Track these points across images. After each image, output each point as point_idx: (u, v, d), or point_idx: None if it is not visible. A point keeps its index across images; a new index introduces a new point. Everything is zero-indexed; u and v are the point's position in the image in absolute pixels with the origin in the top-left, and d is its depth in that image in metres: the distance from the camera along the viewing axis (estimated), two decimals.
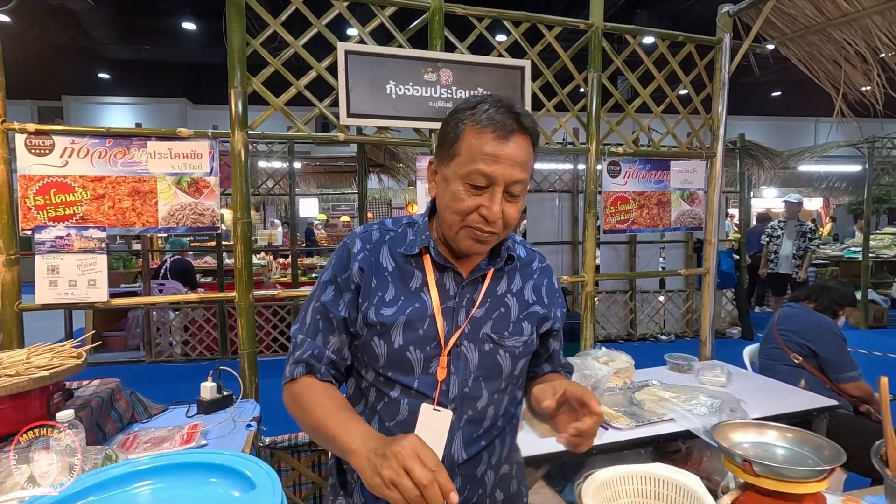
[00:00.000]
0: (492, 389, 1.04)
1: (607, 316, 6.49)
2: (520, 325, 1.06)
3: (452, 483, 0.74)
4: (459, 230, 0.98)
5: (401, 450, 0.75)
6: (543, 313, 1.10)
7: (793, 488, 0.97)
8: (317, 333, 1.05)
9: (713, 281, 2.93)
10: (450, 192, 0.96)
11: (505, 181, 0.93)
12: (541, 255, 1.20)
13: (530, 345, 1.08)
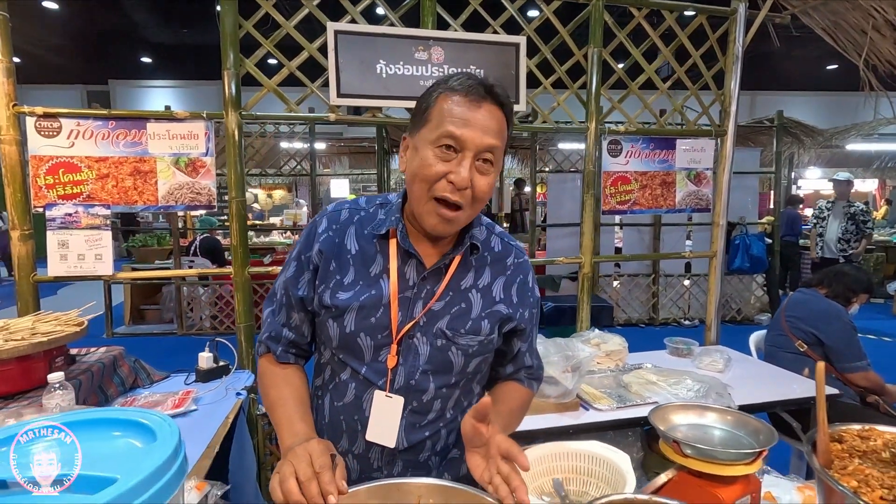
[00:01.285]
0: (440, 384, 1.03)
1: (629, 300, 6.37)
2: (479, 324, 1.02)
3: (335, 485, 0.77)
4: (427, 203, 0.93)
5: (297, 452, 0.80)
6: (507, 314, 1.05)
7: (721, 470, 0.96)
8: (280, 309, 1.08)
9: (720, 264, 2.83)
10: (419, 158, 0.93)
11: (476, 146, 0.90)
12: (519, 250, 1.13)
13: (487, 344, 1.04)
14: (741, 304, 6.52)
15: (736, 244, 6.22)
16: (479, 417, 0.83)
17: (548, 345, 2.10)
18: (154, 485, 0.63)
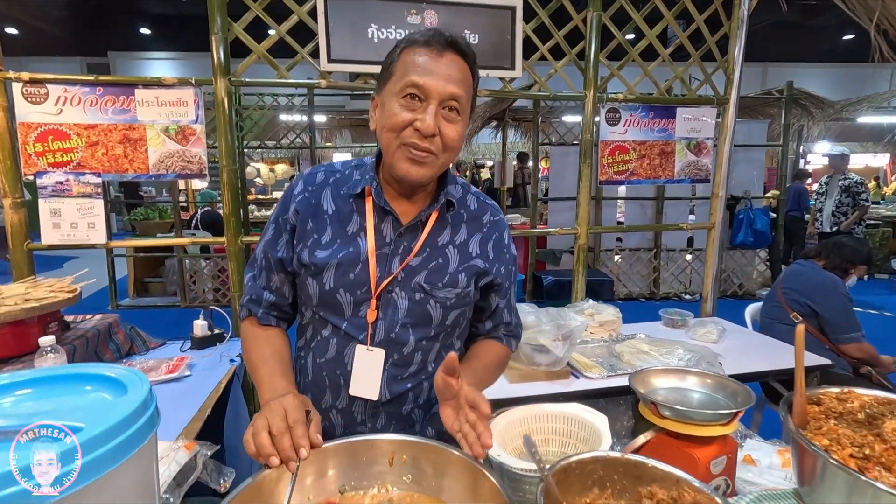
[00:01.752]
0: (419, 336, 1.05)
1: (629, 274, 6.36)
2: (456, 277, 1.04)
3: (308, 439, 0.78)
4: (396, 150, 0.95)
5: (272, 406, 0.81)
6: (484, 268, 1.07)
7: (697, 431, 0.97)
8: (261, 273, 1.10)
9: (718, 236, 2.80)
10: (385, 111, 0.94)
11: (440, 94, 0.91)
12: (495, 209, 1.15)
13: (464, 297, 1.06)
14: (743, 278, 6.49)
15: (740, 218, 6.16)
16: (449, 372, 0.85)
17: (539, 314, 2.10)
18: (121, 434, 0.64)
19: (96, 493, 0.61)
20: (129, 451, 0.65)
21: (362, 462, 0.84)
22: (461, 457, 0.79)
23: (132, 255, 6.19)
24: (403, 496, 0.81)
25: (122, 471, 0.64)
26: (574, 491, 0.85)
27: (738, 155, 5.61)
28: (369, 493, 0.82)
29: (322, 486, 0.82)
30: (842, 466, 0.76)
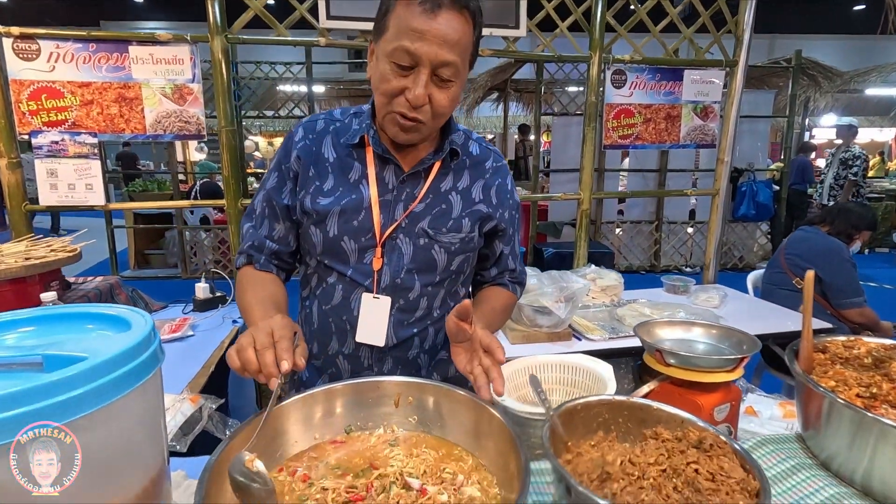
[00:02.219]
0: (425, 282, 1.05)
1: (630, 247, 6.34)
2: (459, 222, 1.04)
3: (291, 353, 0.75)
4: (386, 115, 0.94)
5: (259, 325, 0.78)
6: (487, 213, 1.07)
7: (702, 377, 0.97)
8: (262, 222, 1.08)
9: (722, 203, 2.78)
10: (378, 71, 0.91)
11: (431, 62, 0.87)
12: (497, 155, 1.14)
13: (468, 242, 1.06)
14: (744, 251, 6.48)
15: (742, 191, 6.11)
16: (462, 317, 0.84)
17: (542, 277, 2.10)
18: (124, 366, 0.63)
19: (105, 420, 0.61)
20: (134, 383, 0.64)
21: (368, 403, 0.84)
22: (467, 396, 0.79)
23: (132, 226, 6.16)
24: (409, 436, 0.81)
25: (128, 402, 0.64)
26: (578, 434, 0.85)
27: (742, 126, 5.51)
28: (375, 433, 0.82)
29: (328, 425, 0.82)
30: (848, 405, 0.76)
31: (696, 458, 0.70)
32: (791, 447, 0.92)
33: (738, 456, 0.72)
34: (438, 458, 0.74)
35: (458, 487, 0.67)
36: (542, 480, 0.83)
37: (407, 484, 0.67)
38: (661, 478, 0.68)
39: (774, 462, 0.88)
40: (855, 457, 0.79)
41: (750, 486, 0.66)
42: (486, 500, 0.66)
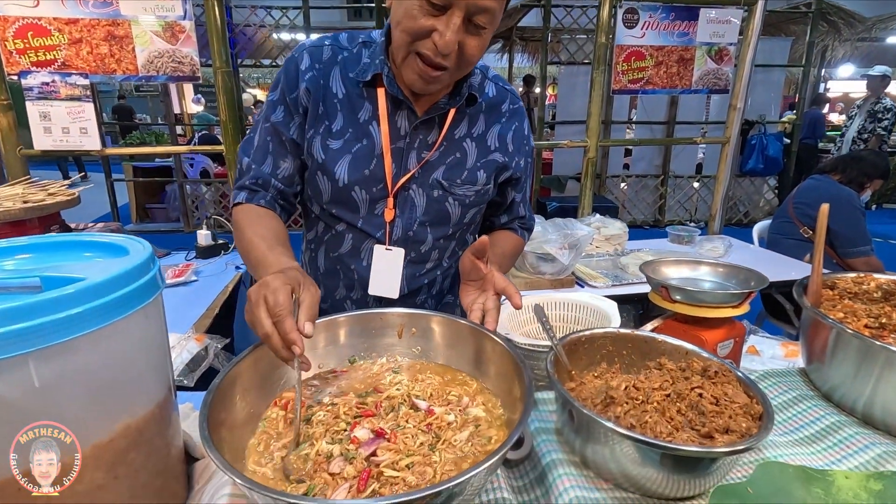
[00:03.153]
0: (437, 235, 1.02)
1: (635, 201, 6.28)
2: (475, 174, 0.99)
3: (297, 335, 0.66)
4: (407, 56, 0.84)
5: (251, 301, 0.69)
6: (503, 162, 1.02)
7: (708, 312, 0.96)
8: (265, 157, 0.98)
9: (732, 151, 2.71)
10: (403, 6, 0.80)
11: (468, 5, 0.76)
12: (514, 96, 1.06)
13: (484, 194, 1.02)
14: (750, 206, 6.41)
15: (752, 144, 5.98)
16: (479, 254, 0.83)
17: (546, 224, 2.08)
18: (122, 288, 0.62)
19: (105, 341, 0.60)
20: (134, 306, 0.63)
21: (372, 334, 0.84)
22: (469, 325, 0.79)
23: (132, 179, 6.10)
24: (412, 364, 0.81)
25: (129, 326, 0.63)
26: (582, 365, 0.86)
27: (756, 76, 5.31)
28: (378, 361, 0.82)
29: (332, 354, 0.82)
30: (857, 335, 0.75)
31: (701, 384, 0.70)
32: (793, 380, 0.92)
33: (742, 383, 0.72)
34: (443, 383, 0.74)
35: (464, 409, 0.67)
36: (546, 409, 0.84)
37: (414, 405, 0.68)
38: (665, 402, 0.68)
39: (776, 394, 0.88)
40: (858, 387, 0.79)
41: (753, 410, 0.66)
42: (491, 419, 0.67)
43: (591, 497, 0.64)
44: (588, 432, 0.66)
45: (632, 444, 0.60)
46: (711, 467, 0.61)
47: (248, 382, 0.70)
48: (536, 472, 0.71)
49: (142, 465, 0.67)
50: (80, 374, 0.58)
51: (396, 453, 0.59)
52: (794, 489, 0.53)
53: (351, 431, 0.63)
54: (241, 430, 0.67)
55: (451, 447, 0.62)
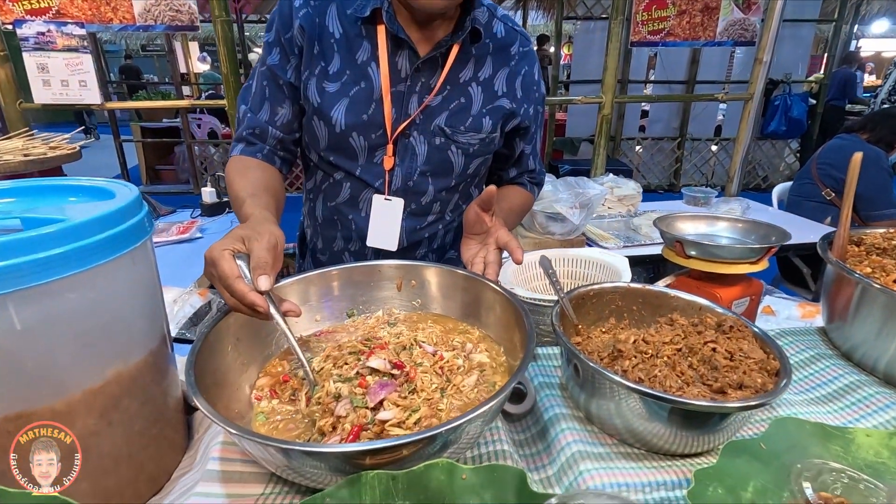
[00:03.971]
0: (439, 186, 0.97)
1: (650, 165, 6.11)
2: (479, 121, 0.93)
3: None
4: None
5: (206, 255, 0.67)
6: (511, 109, 0.95)
7: (723, 269, 0.91)
8: (262, 104, 0.94)
9: (755, 109, 2.58)
10: None
11: None
12: (524, 38, 0.99)
13: (489, 144, 0.96)
14: (769, 170, 6.21)
15: (775, 105, 5.71)
16: (484, 206, 0.79)
17: (556, 184, 2.01)
18: (106, 230, 0.59)
19: (90, 285, 0.58)
20: (119, 249, 0.61)
21: (370, 287, 0.81)
22: (469, 275, 0.75)
23: (139, 139, 6.07)
24: (410, 315, 0.79)
25: (115, 270, 0.61)
26: (589, 320, 0.82)
27: (784, 31, 5.02)
28: (375, 315, 0.80)
29: (330, 308, 0.79)
30: (884, 289, 0.71)
31: (715, 339, 0.67)
32: (811, 338, 0.88)
33: (758, 339, 0.69)
34: (445, 332, 0.72)
35: (468, 354, 0.65)
36: (551, 364, 0.81)
37: (423, 349, 0.65)
38: (676, 356, 0.65)
39: (794, 352, 0.85)
40: (881, 345, 0.75)
41: (770, 366, 0.63)
42: (496, 366, 0.64)
43: (594, 452, 0.62)
44: (593, 386, 0.63)
45: (639, 398, 0.58)
46: (722, 423, 0.58)
47: (240, 332, 0.68)
48: (539, 427, 0.69)
49: (137, 413, 0.66)
50: (65, 318, 0.56)
51: (403, 409, 0.54)
52: (811, 445, 0.50)
53: (367, 360, 0.59)
54: (233, 380, 0.66)
55: (459, 392, 0.60)
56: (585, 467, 0.59)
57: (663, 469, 0.59)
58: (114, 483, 0.64)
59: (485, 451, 0.61)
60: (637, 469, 0.59)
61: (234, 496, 0.56)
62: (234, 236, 0.66)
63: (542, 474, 0.62)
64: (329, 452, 0.45)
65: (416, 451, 0.46)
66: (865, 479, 0.42)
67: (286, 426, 0.59)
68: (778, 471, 0.47)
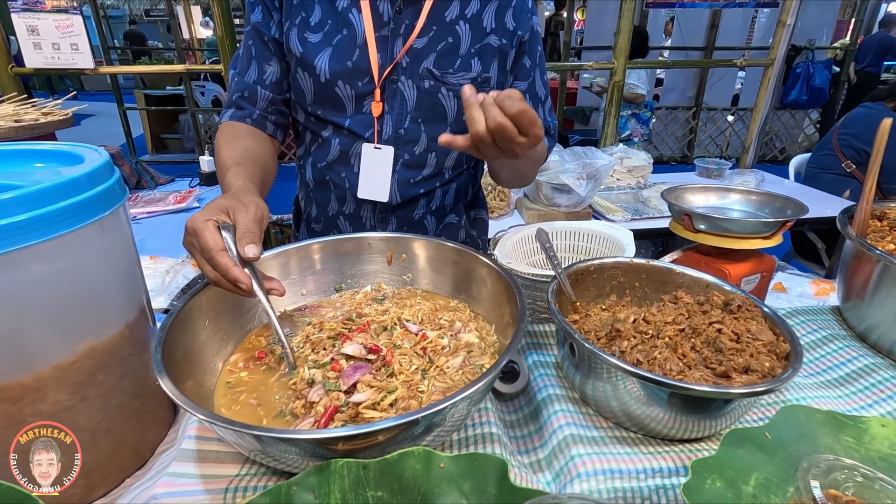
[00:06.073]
0: (432, 133, 0.91)
1: (663, 135, 5.93)
2: (468, 61, 0.88)
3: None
4: None
5: (187, 225, 0.62)
6: (500, 45, 0.90)
7: (733, 244, 0.86)
8: (249, 63, 0.91)
9: (776, 76, 2.45)
10: None
11: None
12: None
13: (483, 84, 0.90)
14: (787, 142, 6.00)
15: (797, 73, 5.47)
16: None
17: (564, 154, 1.94)
18: (70, 197, 0.55)
19: (58, 254, 0.55)
20: (87, 217, 0.57)
21: (359, 260, 0.77)
22: (460, 248, 0.71)
23: (143, 108, 6.00)
24: (399, 291, 0.75)
25: (84, 239, 0.57)
26: (589, 297, 0.78)
27: None
28: (363, 290, 0.76)
29: (317, 282, 0.76)
30: None
31: (721, 319, 0.62)
32: (825, 318, 0.84)
33: (768, 320, 0.64)
34: (433, 310, 0.68)
35: (456, 334, 0.61)
36: (547, 342, 0.78)
37: (406, 328, 0.62)
38: (678, 337, 0.61)
39: (805, 332, 0.80)
40: None
41: (779, 349, 0.59)
42: (485, 346, 0.61)
43: (587, 436, 0.59)
44: (589, 367, 0.59)
45: (637, 381, 0.54)
46: (725, 409, 0.55)
47: (219, 306, 0.65)
48: (532, 407, 0.66)
49: (114, 387, 0.63)
50: (30, 289, 0.53)
51: (378, 391, 0.52)
52: (821, 436, 0.47)
53: (342, 345, 0.57)
54: (209, 356, 0.63)
55: (442, 374, 0.57)
56: (577, 452, 0.56)
57: (660, 455, 0.56)
58: (92, 458, 0.62)
59: (472, 433, 0.58)
60: (632, 454, 0.56)
61: (209, 477, 0.54)
62: (218, 206, 0.63)
63: (532, 457, 0.59)
64: (300, 439, 0.42)
65: (393, 436, 0.43)
66: (881, 477, 0.38)
67: (248, 398, 0.57)
68: (784, 463, 0.44)
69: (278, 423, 0.53)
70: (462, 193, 1.05)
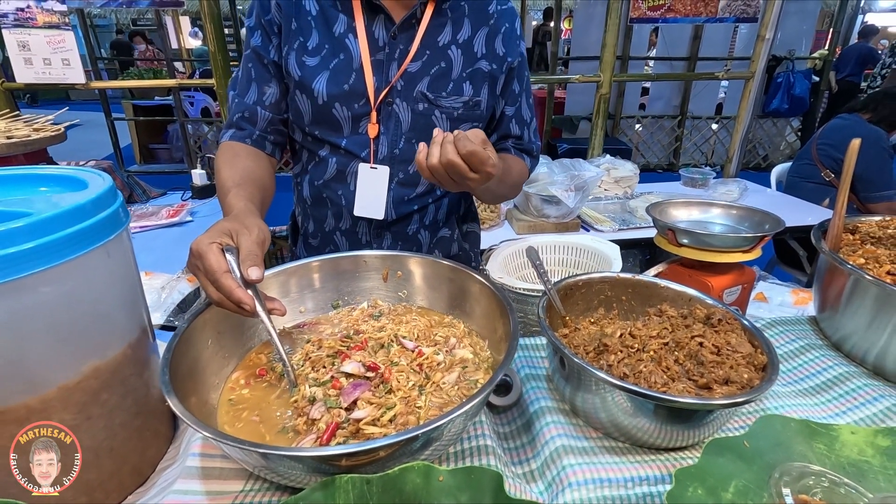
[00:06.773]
0: None
1: (650, 143, 6.04)
2: (460, 85, 0.92)
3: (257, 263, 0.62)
4: None
5: (192, 248, 0.66)
6: (490, 70, 0.93)
7: (715, 257, 0.90)
8: (249, 85, 0.94)
9: (756, 88, 2.53)
10: None
11: None
12: None
13: (474, 107, 0.94)
14: (770, 149, 6.14)
15: (777, 82, 5.61)
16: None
17: (552, 165, 1.98)
18: (77, 223, 0.57)
19: (64, 279, 0.57)
20: (92, 242, 0.59)
21: (355, 277, 0.80)
22: (455, 266, 0.74)
23: (132, 118, 5.97)
24: (395, 308, 0.77)
25: (89, 263, 0.59)
26: (578, 310, 0.81)
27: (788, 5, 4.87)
28: (359, 307, 0.78)
29: (315, 299, 0.78)
30: (876, 281, 0.69)
31: (702, 332, 0.66)
32: (802, 328, 0.88)
33: (747, 332, 0.68)
34: (429, 326, 0.70)
35: (451, 349, 0.64)
36: (538, 355, 0.81)
37: (402, 345, 0.64)
38: (662, 350, 0.64)
39: (783, 342, 0.84)
40: (871, 336, 0.74)
41: (757, 360, 0.62)
42: (479, 361, 0.63)
43: (578, 446, 0.61)
44: (579, 380, 0.62)
45: (624, 394, 0.57)
46: (707, 419, 0.58)
47: (221, 325, 0.67)
48: (524, 419, 0.68)
49: (117, 406, 0.65)
50: (36, 313, 0.55)
51: (377, 407, 0.54)
52: (795, 444, 0.50)
53: (341, 363, 0.59)
54: (212, 374, 0.65)
55: (438, 390, 0.59)
56: (569, 462, 0.59)
57: (647, 464, 0.59)
58: (95, 476, 0.63)
59: (467, 445, 0.60)
60: (620, 464, 0.59)
61: (214, 493, 0.55)
62: (221, 229, 0.65)
63: (525, 468, 0.62)
64: (307, 456, 0.44)
65: (394, 452, 0.46)
66: (846, 482, 0.42)
67: (250, 416, 0.59)
68: (760, 471, 0.47)
69: (281, 440, 0.55)
70: (454, 208, 1.08)
